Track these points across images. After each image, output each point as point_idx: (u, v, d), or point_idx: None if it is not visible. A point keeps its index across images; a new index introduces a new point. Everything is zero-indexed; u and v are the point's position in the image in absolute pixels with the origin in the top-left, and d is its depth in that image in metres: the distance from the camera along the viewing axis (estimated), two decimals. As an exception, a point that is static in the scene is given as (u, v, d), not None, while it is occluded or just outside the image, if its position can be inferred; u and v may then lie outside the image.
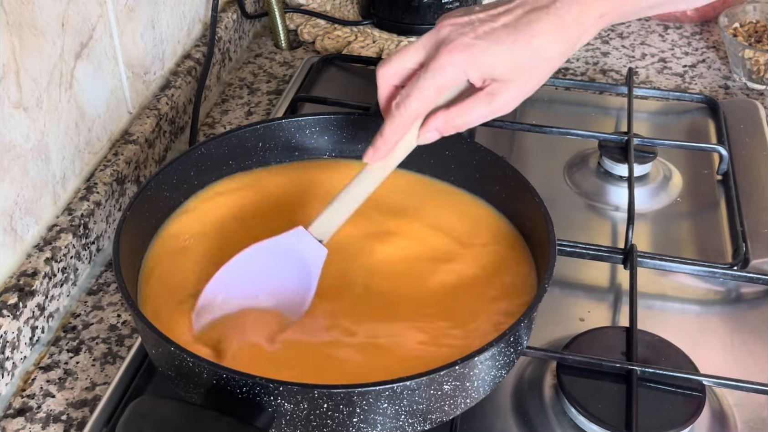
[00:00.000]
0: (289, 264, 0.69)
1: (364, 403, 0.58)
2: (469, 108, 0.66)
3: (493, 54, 0.64)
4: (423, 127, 0.67)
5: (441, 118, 0.67)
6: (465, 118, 0.67)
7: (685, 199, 0.92)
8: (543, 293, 0.64)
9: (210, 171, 0.79)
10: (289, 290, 0.69)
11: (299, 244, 0.68)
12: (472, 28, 0.64)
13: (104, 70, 0.88)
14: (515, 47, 0.64)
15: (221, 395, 0.58)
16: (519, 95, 0.66)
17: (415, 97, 0.65)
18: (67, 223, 0.81)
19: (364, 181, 0.69)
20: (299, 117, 0.82)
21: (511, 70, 0.64)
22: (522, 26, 0.64)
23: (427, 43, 0.67)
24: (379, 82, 0.69)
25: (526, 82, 0.66)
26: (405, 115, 0.66)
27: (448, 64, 0.64)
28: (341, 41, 1.19)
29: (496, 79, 0.65)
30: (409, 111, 0.66)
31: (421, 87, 0.65)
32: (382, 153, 0.68)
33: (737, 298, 0.82)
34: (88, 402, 0.73)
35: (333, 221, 0.69)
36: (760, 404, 0.71)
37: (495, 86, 0.65)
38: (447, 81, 0.65)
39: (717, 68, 1.15)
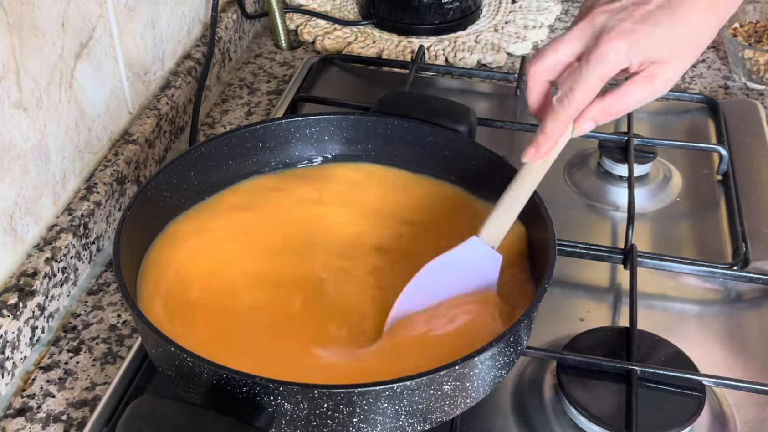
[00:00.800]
0: (467, 273, 0.70)
1: (364, 403, 0.58)
2: (627, 93, 0.66)
3: (655, 37, 0.63)
4: (579, 118, 0.67)
5: (598, 107, 0.66)
6: (623, 104, 0.66)
7: (685, 199, 0.92)
8: (543, 293, 0.64)
9: (210, 171, 0.79)
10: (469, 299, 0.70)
11: (475, 253, 0.69)
12: (628, 13, 0.63)
13: (104, 70, 0.88)
14: (674, 28, 0.63)
15: (221, 395, 0.58)
16: (677, 74, 0.66)
17: (579, 89, 0.64)
18: (67, 223, 0.81)
19: (525, 182, 0.70)
20: (299, 117, 0.82)
21: (670, 51, 0.64)
22: (676, 6, 0.63)
23: (583, 33, 0.65)
24: (530, 79, 0.68)
25: (684, 60, 0.65)
26: (569, 109, 0.65)
27: (612, 52, 0.63)
28: (341, 41, 1.19)
29: (656, 61, 0.64)
30: (573, 104, 0.65)
31: (585, 78, 0.64)
32: (544, 150, 0.68)
33: (737, 298, 0.82)
34: (88, 402, 0.73)
35: (501, 226, 0.70)
36: (760, 404, 0.71)
37: (654, 68, 0.64)
38: (610, 70, 0.64)
39: (717, 68, 1.15)
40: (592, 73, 0.64)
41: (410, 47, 1.17)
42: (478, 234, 0.70)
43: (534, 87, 0.68)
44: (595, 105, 0.66)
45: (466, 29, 1.22)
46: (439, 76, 1.13)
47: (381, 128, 0.82)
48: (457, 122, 0.81)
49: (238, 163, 0.80)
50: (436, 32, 1.20)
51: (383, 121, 0.81)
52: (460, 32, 1.21)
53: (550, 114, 0.66)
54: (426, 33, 1.20)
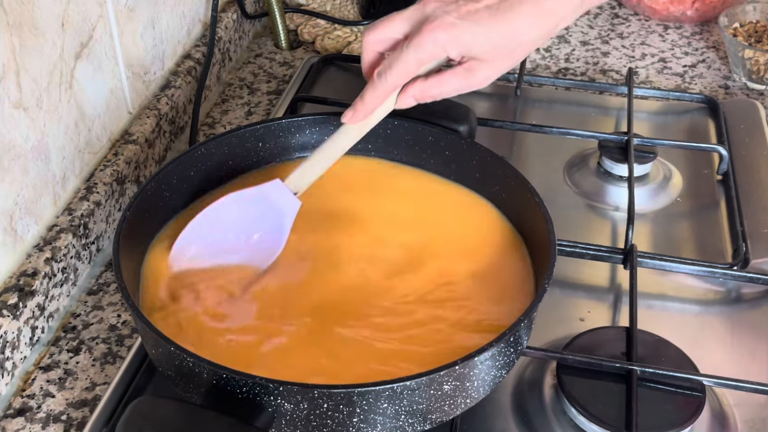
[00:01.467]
0: (264, 214, 0.72)
1: (364, 403, 0.58)
2: (446, 80, 0.70)
3: (474, 35, 0.67)
4: (401, 93, 0.71)
5: (419, 87, 0.70)
6: (441, 89, 0.70)
7: (685, 199, 0.92)
8: (543, 293, 0.64)
9: (210, 171, 0.79)
10: (262, 240, 0.73)
11: (276, 195, 0.72)
12: (456, 6, 0.67)
13: (104, 70, 0.88)
14: (495, 30, 0.67)
15: (221, 395, 0.58)
16: (494, 73, 0.70)
17: (396, 68, 0.68)
18: (67, 223, 0.81)
19: (339, 140, 0.73)
20: (299, 117, 0.82)
21: (489, 50, 0.68)
22: (503, 10, 0.66)
23: (413, 17, 0.69)
24: (364, 47, 0.72)
25: (502, 62, 0.69)
26: (385, 84, 0.69)
27: (430, 40, 0.67)
28: (341, 41, 1.19)
29: (475, 57, 0.68)
30: (389, 81, 0.69)
31: (403, 60, 0.68)
32: (360, 116, 0.71)
33: (737, 298, 0.82)
34: (88, 402, 0.73)
35: (308, 175, 0.73)
36: (760, 404, 0.71)
37: (473, 63, 0.68)
38: (427, 56, 0.68)
39: (717, 68, 1.15)
40: (410, 56, 0.68)
41: (410, 47, 1.17)
42: (283, 179, 0.72)
43: (366, 54, 0.72)
44: (417, 84, 0.70)
45: (466, 29, 1.22)
46: (439, 76, 1.13)
47: (381, 128, 0.81)
48: (457, 122, 0.81)
49: (238, 163, 0.80)
50: (436, 32, 1.20)
51: (383, 121, 0.81)
52: (460, 32, 1.21)
53: (369, 84, 0.70)
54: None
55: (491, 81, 0.70)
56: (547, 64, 1.15)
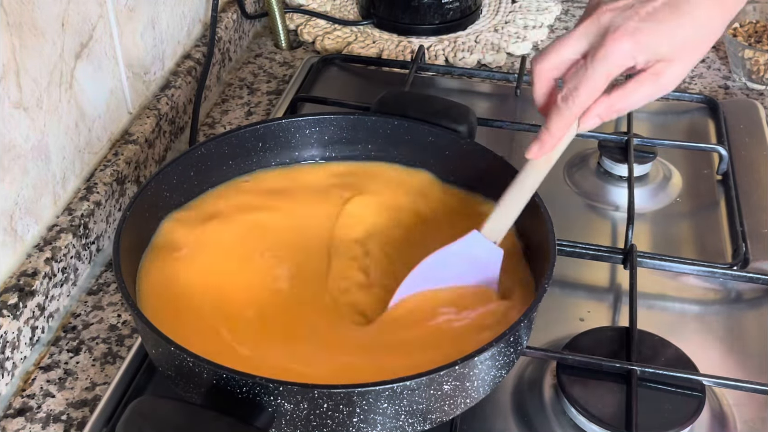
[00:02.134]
0: (467, 267, 0.70)
1: (364, 403, 0.58)
2: (632, 91, 0.65)
3: (660, 35, 0.62)
4: (585, 115, 0.66)
5: (603, 104, 0.66)
6: (628, 101, 0.66)
7: (685, 199, 0.92)
8: (543, 293, 0.64)
9: (210, 171, 0.79)
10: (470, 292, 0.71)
11: (475, 247, 0.70)
12: (634, 11, 0.63)
13: (104, 70, 0.88)
14: (680, 25, 0.63)
15: (221, 395, 0.58)
16: (684, 71, 0.65)
17: (584, 88, 0.64)
18: (67, 223, 0.81)
19: (529, 178, 0.70)
20: (299, 117, 0.82)
21: (677, 48, 0.63)
22: (683, 3, 0.63)
23: (588, 32, 0.65)
24: (536, 77, 0.67)
25: (691, 57, 0.65)
26: (574, 107, 0.65)
27: (618, 50, 0.63)
28: (341, 41, 1.19)
29: (662, 59, 0.64)
30: (578, 103, 0.65)
31: (590, 77, 0.63)
32: (548, 148, 0.68)
33: (737, 298, 0.82)
34: (88, 402, 0.73)
35: (503, 222, 0.70)
36: (760, 404, 0.71)
37: (659, 66, 0.64)
38: (616, 68, 0.64)
39: (717, 68, 1.15)
40: (597, 72, 0.63)
41: (410, 47, 1.17)
42: (479, 229, 0.70)
43: (539, 84, 0.68)
44: (600, 102, 0.65)
45: (466, 29, 1.22)
46: (439, 76, 1.13)
47: (381, 128, 0.82)
48: (457, 122, 0.81)
49: (238, 163, 0.80)
50: (436, 32, 1.20)
51: (383, 121, 0.81)
52: (460, 32, 1.21)
53: (554, 112, 0.66)
54: (426, 33, 1.20)
55: (680, 80, 0.65)
56: (547, 64, 1.15)
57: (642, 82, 0.64)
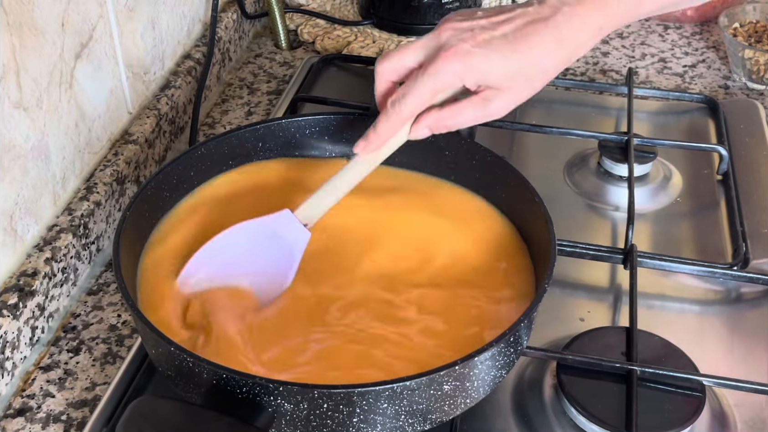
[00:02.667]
0: (272, 245, 0.71)
1: (364, 403, 0.58)
2: (461, 110, 0.68)
3: (490, 63, 0.65)
4: (415, 123, 0.69)
5: (433, 117, 0.69)
6: (456, 120, 0.69)
7: (685, 199, 0.92)
8: (543, 293, 0.64)
9: (210, 171, 0.79)
10: (270, 271, 0.71)
11: (285, 226, 0.71)
12: (472, 35, 0.66)
13: (104, 70, 0.88)
14: (512, 58, 0.65)
15: (221, 395, 0.58)
16: (511, 102, 0.68)
17: (411, 97, 0.67)
18: (67, 223, 0.81)
19: (352, 171, 0.71)
20: (299, 117, 0.82)
21: (506, 79, 0.66)
22: (520, 38, 0.65)
23: (428, 45, 0.68)
24: (377, 76, 0.70)
25: (520, 91, 0.67)
26: (399, 113, 0.68)
27: (446, 69, 0.66)
28: (341, 41, 1.19)
29: (491, 86, 0.67)
30: (403, 110, 0.68)
31: (418, 88, 0.67)
32: (374, 147, 0.70)
33: (737, 298, 0.82)
34: (88, 402, 0.73)
35: (319, 207, 0.72)
36: (760, 404, 0.71)
37: (489, 93, 0.67)
38: (443, 85, 0.67)
39: (717, 68, 1.15)
40: (425, 85, 0.66)
41: (410, 47, 1.17)
42: (293, 210, 0.71)
43: (379, 83, 0.70)
44: (431, 114, 0.68)
45: (466, 29, 1.22)
46: (439, 76, 1.13)
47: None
48: (457, 122, 0.81)
49: (238, 163, 0.80)
50: (436, 32, 1.20)
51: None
52: (460, 32, 1.21)
53: (383, 113, 0.69)
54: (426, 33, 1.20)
55: (509, 110, 0.68)
56: (547, 64, 1.15)
57: (471, 104, 0.68)
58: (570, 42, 0.66)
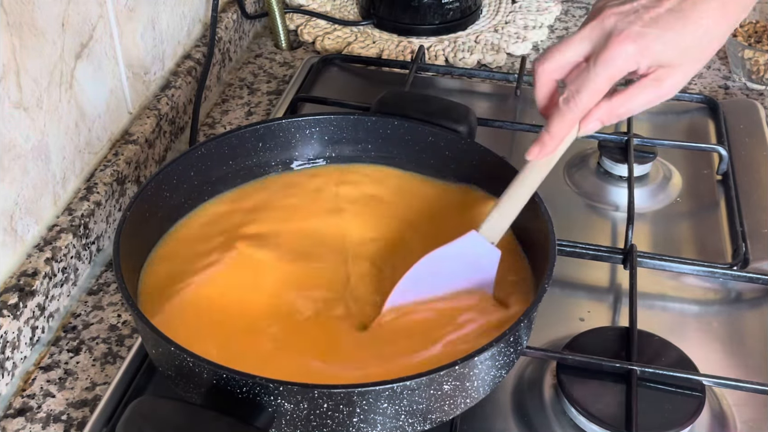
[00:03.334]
0: (465, 267, 0.70)
1: (364, 403, 0.58)
2: (634, 95, 0.65)
3: (664, 41, 0.63)
4: (585, 118, 0.66)
5: (604, 108, 0.66)
6: (629, 106, 0.66)
7: (685, 199, 0.92)
8: (543, 293, 0.64)
9: (210, 171, 0.79)
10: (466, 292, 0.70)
11: (473, 248, 0.70)
12: (638, 15, 0.63)
13: (104, 70, 0.88)
14: (684, 32, 0.63)
15: (221, 395, 0.58)
16: (685, 78, 0.65)
17: (586, 91, 0.64)
18: (67, 223, 0.81)
19: (529, 179, 0.70)
20: (299, 117, 0.82)
21: (679, 55, 0.64)
22: (687, 10, 0.63)
23: (593, 35, 0.65)
24: (538, 78, 0.67)
25: (693, 64, 0.65)
26: (575, 110, 0.65)
27: (620, 54, 0.63)
28: (341, 42, 1.19)
29: (664, 65, 0.64)
30: (580, 106, 0.65)
31: (592, 80, 0.64)
32: (550, 149, 0.68)
33: (737, 298, 0.82)
34: (88, 402, 0.73)
35: (502, 222, 0.70)
36: (760, 404, 0.71)
37: (661, 72, 0.64)
38: (618, 72, 0.64)
39: (717, 68, 1.15)
40: (599, 75, 0.63)
41: (410, 47, 1.17)
42: (477, 229, 0.70)
43: (541, 86, 0.68)
44: (601, 105, 0.65)
45: (466, 29, 1.22)
46: (439, 76, 1.13)
47: (381, 128, 0.82)
48: (457, 122, 0.81)
49: (238, 163, 0.80)
50: (436, 32, 1.20)
51: (383, 121, 0.82)
52: (460, 32, 1.21)
53: (555, 114, 0.66)
54: (426, 33, 1.20)
55: (681, 87, 0.66)
56: (547, 64, 1.15)
57: (644, 87, 0.65)
58: (735, 5, 0.64)
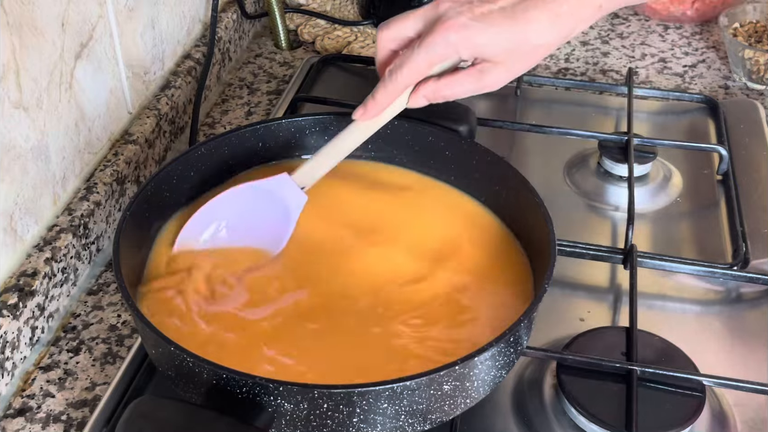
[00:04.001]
0: (270, 207, 0.73)
1: (364, 403, 0.58)
2: (457, 81, 0.69)
3: (487, 36, 0.66)
4: (414, 93, 0.70)
5: (431, 87, 0.69)
6: (453, 90, 0.69)
7: (685, 199, 0.92)
8: (543, 293, 0.64)
9: (210, 171, 0.79)
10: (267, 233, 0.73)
11: (282, 189, 0.73)
12: (469, 7, 0.66)
13: (104, 70, 0.88)
14: (509, 32, 0.66)
15: (221, 395, 0.58)
16: (508, 76, 0.68)
17: (407, 68, 0.68)
18: (67, 223, 0.81)
19: (349, 137, 0.73)
20: (299, 117, 0.82)
21: (502, 53, 0.67)
22: (518, 12, 0.65)
23: (426, 15, 0.68)
24: (378, 44, 0.72)
25: (516, 64, 0.68)
26: (396, 82, 0.69)
27: (442, 41, 0.66)
28: (341, 41, 1.19)
29: (487, 59, 0.67)
30: (399, 80, 0.69)
31: (414, 59, 0.67)
32: (371, 114, 0.71)
33: (737, 298, 0.82)
34: (88, 402, 0.73)
35: (316, 171, 0.74)
36: (760, 404, 0.71)
37: (485, 66, 0.67)
38: (438, 57, 0.67)
39: (717, 68, 1.15)
40: (421, 56, 0.67)
41: (410, 47, 1.17)
42: (290, 174, 0.73)
43: (380, 51, 0.72)
44: (429, 83, 0.69)
45: (466, 29, 1.22)
46: (439, 76, 1.13)
47: (381, 128, 0.82)
48: (457, 122, 0.81)
49: (238, 163, 0.80)
50: (436, 32, 1.20)
51: (383, 120, 0.81)
52: (460, 32, 1.21)
53: (381, 82, 0.70)
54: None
55: (504, 83, 0.69)
56: (547, 64, 1.15)
57: (468, 76, 0.68)
58: (569, 18, 0.67)
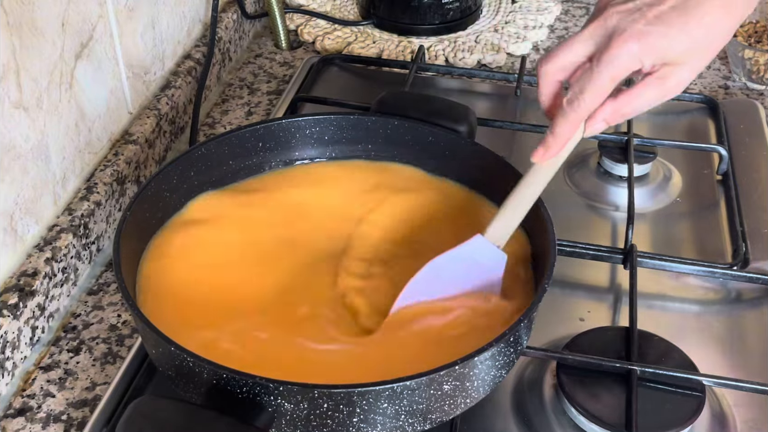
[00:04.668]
0: (471, 272, 0.69)
1: (364, 403, 0.58)
2: (638, 94, 0.65)
3: (668, 39, 0.62)
4: (590, 119, 0.66)
5: (609, 108, 0.65)
6: (634, 105, 0.65)
7: (685, 199, 0.92)
8: (543, 293, 0.64)
9: (210, 171, 0.79)
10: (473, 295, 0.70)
11: (479, 251, 0.69)
12: (641, 14, 0.62)
13: (104, 70, 0.88)
14: (687, 29, 0.62)
15: (221, 395, 0.58)
16: (690, 76, 0.65)
17: (590, 91, 0.64)
18: (67, 223, 0.81)
19: (534, 182, 0.69)
20: (299, 117, 0.82)
21: (684, 52, 0.63)
22: (691, 7, 0.62)
23: (595, 34, 0.64)
24: (542, 79, 0.67)
25: (698, 61, 0.64)
26: (579, 110, 0.65)
27: (624, 53, 0.62)
28: (341, 41, 1.19)
29: (669, 63, 0.63)
30: (583, 106, 0.64)
31: (596, 80, 0.63)
32: (554, 151, 0.67)
33: (737, 298, 0.82)
34: (89, 402, 0.73)
35: (508, 226, 0.70)
36: (760, 404, 0.71)
37: (666, 70, 0.64)
38: (622, 72, 0.63)
39: (717, 68, 1.15)
40: (603, 74, 0.63)
41: (410, 47, 1.17)
42: (483, 233, 0.70)
43: (545, 86, 0.67)
44: (606, 105, 0.65)
45: (466, 29, 1.22)
46: (439, 76, 1.13)
47: (381, 128, 0.82)
48: (457, 122, 0.81)
49: (238, 163, 0.80)
50: (436, 32, 1.20)
51: (383, 121, 0.82)
52: (460, 32, 1.21)
53: (560, 115, 0.66)
54: (426, 33, 1.20)
55: (687, 84, 0.65)
56: (547, 64, 1.15)
57: (648, 86, 0.64)
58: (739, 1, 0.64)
